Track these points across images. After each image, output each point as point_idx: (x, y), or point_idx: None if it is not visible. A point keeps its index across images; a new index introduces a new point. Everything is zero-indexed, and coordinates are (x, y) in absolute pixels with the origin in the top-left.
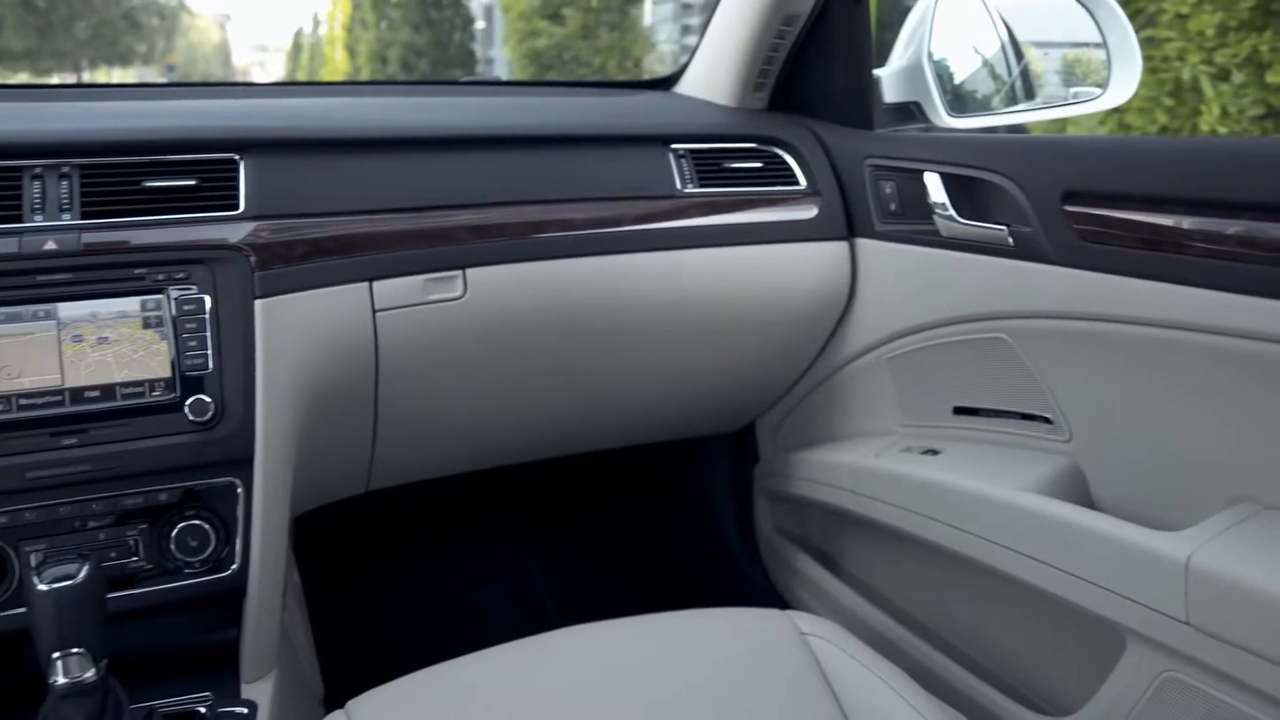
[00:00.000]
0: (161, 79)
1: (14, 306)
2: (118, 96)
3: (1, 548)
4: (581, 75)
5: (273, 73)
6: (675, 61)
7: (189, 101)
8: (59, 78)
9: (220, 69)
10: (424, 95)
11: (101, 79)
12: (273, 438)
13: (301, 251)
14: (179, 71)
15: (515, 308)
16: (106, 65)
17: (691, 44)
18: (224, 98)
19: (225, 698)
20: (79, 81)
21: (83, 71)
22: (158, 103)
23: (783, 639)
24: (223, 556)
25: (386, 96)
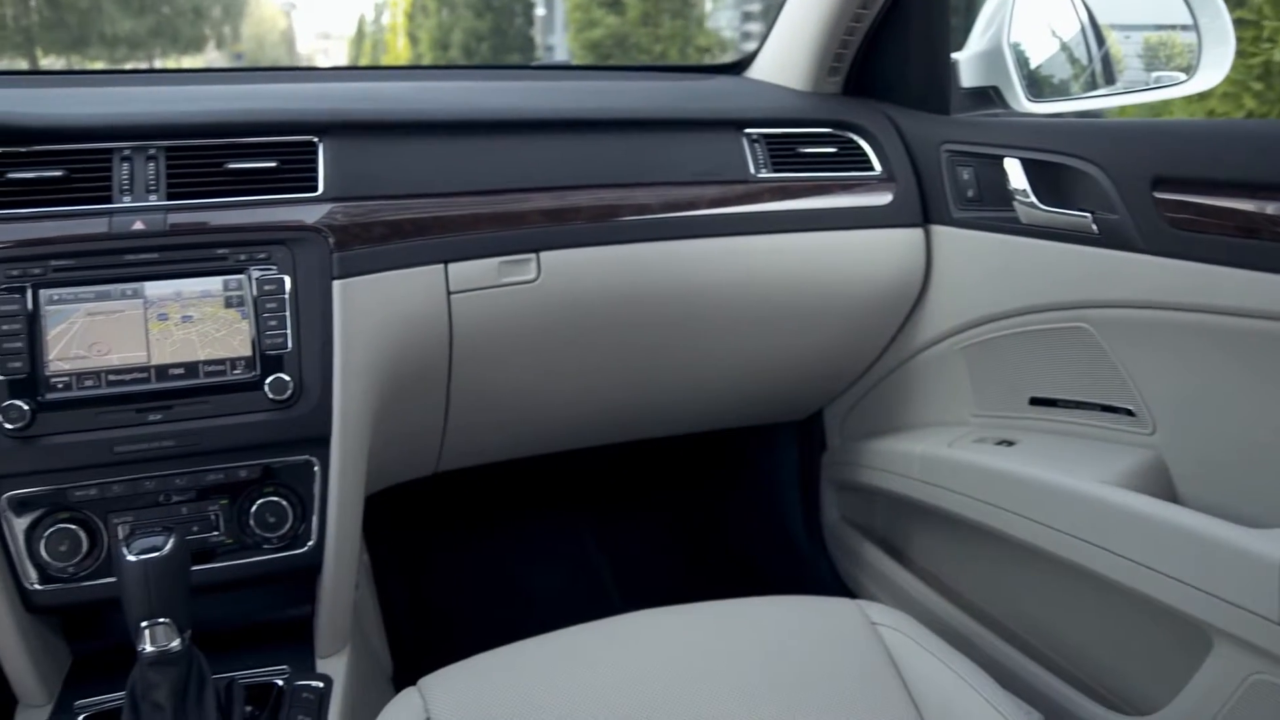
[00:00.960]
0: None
1: (103, 285)
2: (194, 81)
3: (91, 519)
4: (643, 62)
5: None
6: (736, 48)
7: (267, 85)
8: (131, 65)
9: (285, 56)
10: (494, 79)
11: (171, 66)
12: (349, 417)
13: (379, 233)
14: (246, 58)
15: (588, 291)
16: (177, 53)
17: (752, 30)
18: (297, 81)
19: (301, 671)
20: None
21: (154, 59)
22: (237, 86)
23: (853, 628)
24: (299, 533)
25: (458, 80)
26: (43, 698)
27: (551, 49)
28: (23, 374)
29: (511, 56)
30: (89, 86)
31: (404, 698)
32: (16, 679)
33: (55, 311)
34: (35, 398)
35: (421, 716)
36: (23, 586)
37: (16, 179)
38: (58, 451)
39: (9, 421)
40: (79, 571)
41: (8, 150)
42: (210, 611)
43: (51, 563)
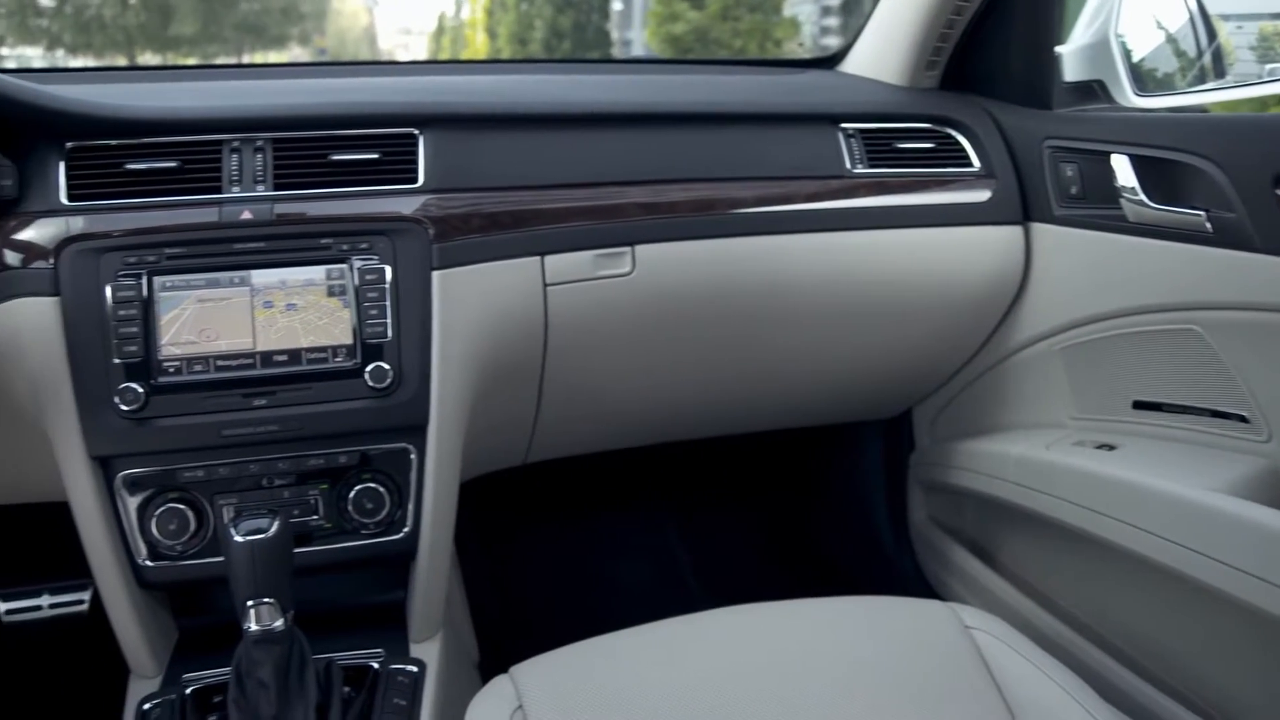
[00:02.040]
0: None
1: (213, 273)
2: (297, 75)
3: (198, 500)
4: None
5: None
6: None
7: (367, 79)
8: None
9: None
10: (586, 73)
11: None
12: (446, 407)
13: (477, 225)
14: (329, 54)
15: (682, 285)
16: (263, 49)
17: (830, 24)
18: (396, 75)
19: (395, 655)
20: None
21: (242, 55)
22: (339, 80)
23: (946, 631)
24: (395, 519)
25: (551, 74)
26: (153, 670)
27: (629, 44)
28: (138, 358)
29: (589, 51)
30: (196, 81)
31: (496, 685)
32: (130, 651)
33: (168, 298)
34: (149, 381)
35: (514, 704)
36: (135, 563)
37: (134, 169)
38: (169, 433)
39: (125, 404)
40: (186, 550)
41: (126, 142)
42: (307, 593)
43: (161, 540)
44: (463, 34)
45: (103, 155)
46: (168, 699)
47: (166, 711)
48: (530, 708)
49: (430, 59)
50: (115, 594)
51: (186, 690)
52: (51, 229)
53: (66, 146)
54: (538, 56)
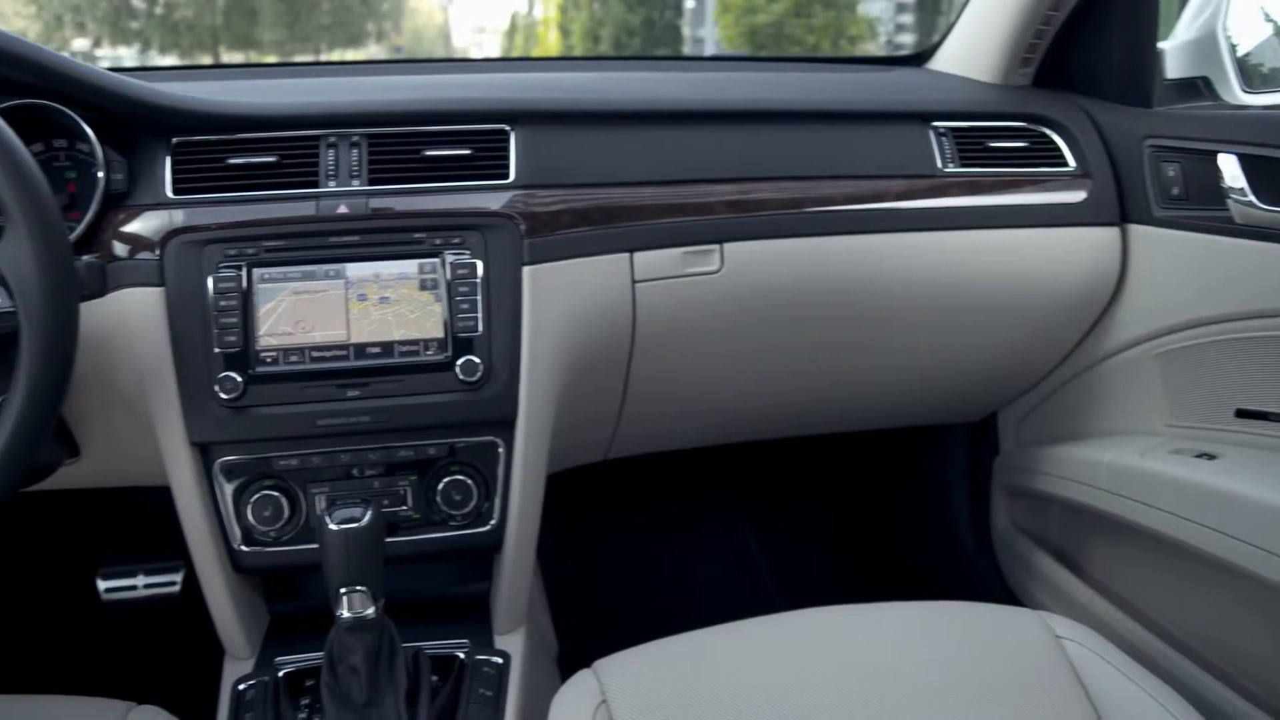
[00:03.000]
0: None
1: (309, 265)
2: (389, 71)
3: (292, 488)
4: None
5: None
6: (890, 40)
7: (458, 75)
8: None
9: (442, 49)
10: (672, 70)
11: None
12: (535, 401)
13: (567, 221)
14: (405, 52)
15: (770, 284)
16: (341, 48)
17: (905, 21)
18: (486, 72)
19: (480, 646)
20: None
21: (321, 54)
22: (430, 76)
23: (1036, 640)
24: (482, 511)
25: (636, 71)
26: (247, 652)
27: (701, 41)
28: (237, 348)
29: (660, 48)
30: (288, 79)
31: (580, 679)
32: (225, 633)
33: (266, 290)
34: (247, 371)
35: (597, 699)
36: (231, 547)
37: (235, 164)
38: (265, 422)
39: (224, 392)
40: (280, 536)
41: (228, 138)
42: (393, 582)
43: (256, 526)
44: (535, 31)
45: (206, 150)
46: (261, 680)
47: (260, 693)
48: (614, 703)
49: (521, 56)
50: (212, 577)
51: (279, 673)
52: (157, 221)
53: (172, 142)
54: (609, 54)
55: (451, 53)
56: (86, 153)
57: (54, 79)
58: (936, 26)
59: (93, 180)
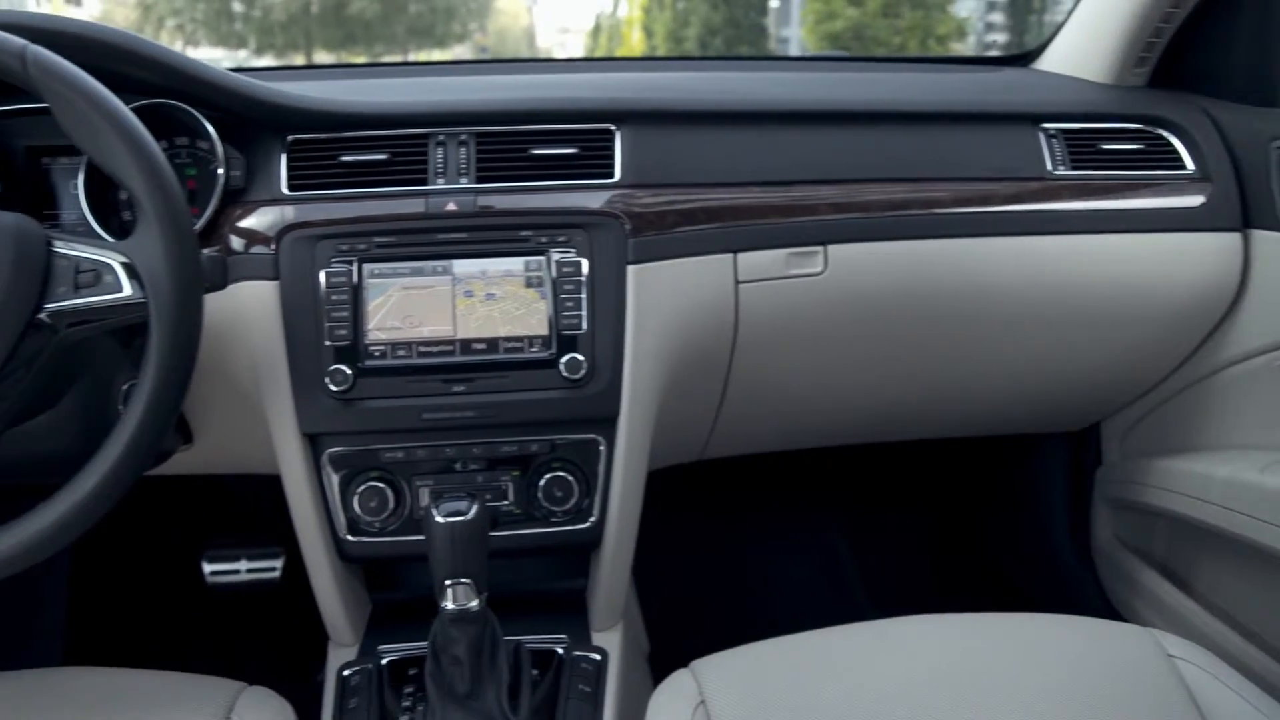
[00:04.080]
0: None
1: (418, 261)
2: (494, 71)
3: (397, 480)
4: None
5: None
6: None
7: (563, 75)
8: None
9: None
10: (771, 70)
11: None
12: (637, 400)
13: (672, 220)
14: (490, 52)
15: (874, 286)
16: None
17: (996, 21)
18: (590, 71)
19: (578, 642)
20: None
21: (409, 54)
22: (535, 76)
23: (1147, 659)
24: (583, 508)
25: (738, 71)
26: (351, 639)
27: (786, 41)
28: (347, 341)
29: (745, 49)
30: (389, 78)
31: (677, 678)
32: (330, 620)
33: (375, 285)
34: (356, 364)
35: (695, 699)
36: (337, 536)
37: (348, 161)
38: (373, 415)
39: (335, 384)
40: (385, 527)
41: (341, 135)
42: (492, 576)
43: (362, 516)
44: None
45: (320, 148)
46: (365, 668)
47: (365, 679)
48: (713, 704)
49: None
50: (319, 565)
51: (382, 660)
52: (273, 217)
53: (288, 139)
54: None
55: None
56: (206, 150)
57: (181, 80)
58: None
59: (212, 177)
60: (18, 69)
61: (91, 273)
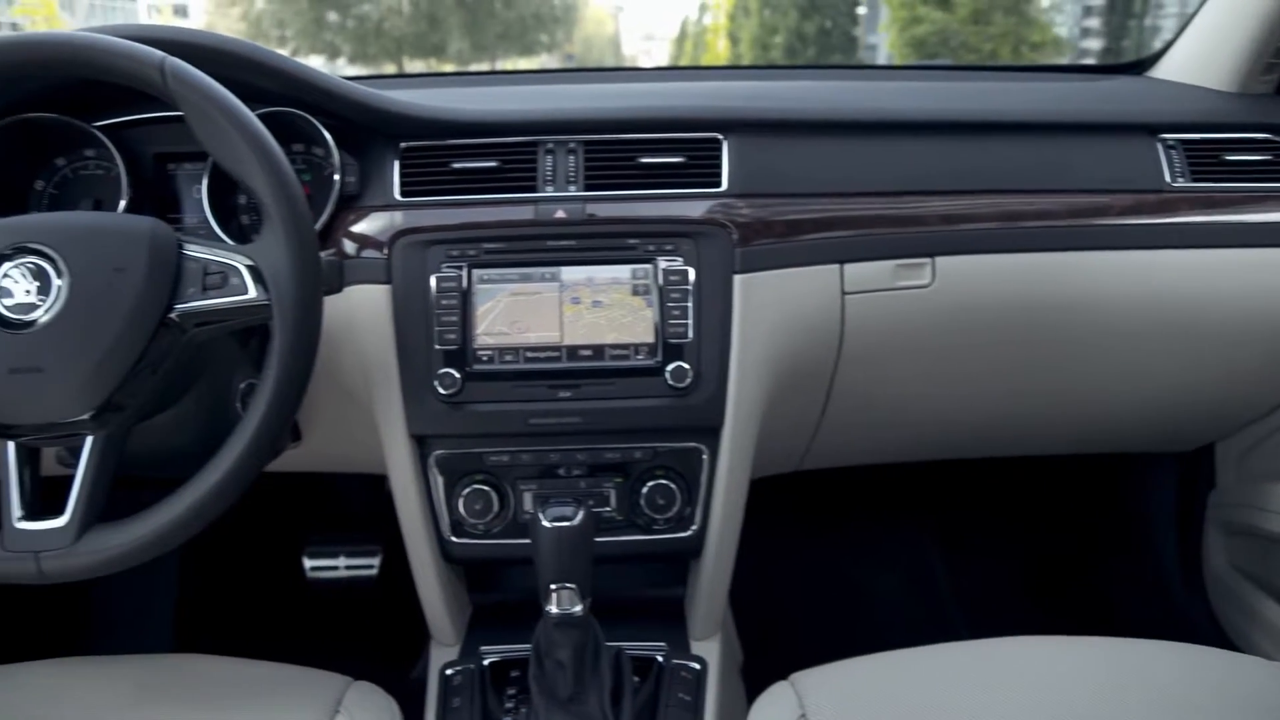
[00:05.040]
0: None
1: (527, 268)
2: (600, 79)
3: (501, 484)
4: (970, 62)
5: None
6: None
7: (669, 83)
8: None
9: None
10: (877, 80)
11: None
12: (742, 409)
13: (779, 230)
14: (576, 59)
15: (982, 300)
16: (516, 56)
17: (1092, 26)
18: (695, 80)
19: (677, 651)
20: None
21: (497, 61)
22: (642, 85)
23: (1270, 692)
24: (685, 516)
25: (839, 80)
26: (452, 639)
27: (874, 48)
28: (455, 346)
29: (833, 55)
30: (498, 86)
31: (777, 690)
32: (433, 619)
33: (484, 290)
34: (464, 368)
35: (796, 712)
36: (442, 537)
37: (459, 168)
38: (480, 418)
39: (443, 388)
40: (489, 530)
41: (453, 143)
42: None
43: (466, 519)
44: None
45: (431, 154)
46: (467, 668)
47: (467, 679)
48: (814, 718)
49: (739, 65)
50: (423, 565)
51: (484, 661)
52: (386, 222)
53: (401, 146)
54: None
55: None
56: (320, 156)
57: (303, 89)
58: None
59: (326, 182)
60: (156, 80)
61: (219, 275)
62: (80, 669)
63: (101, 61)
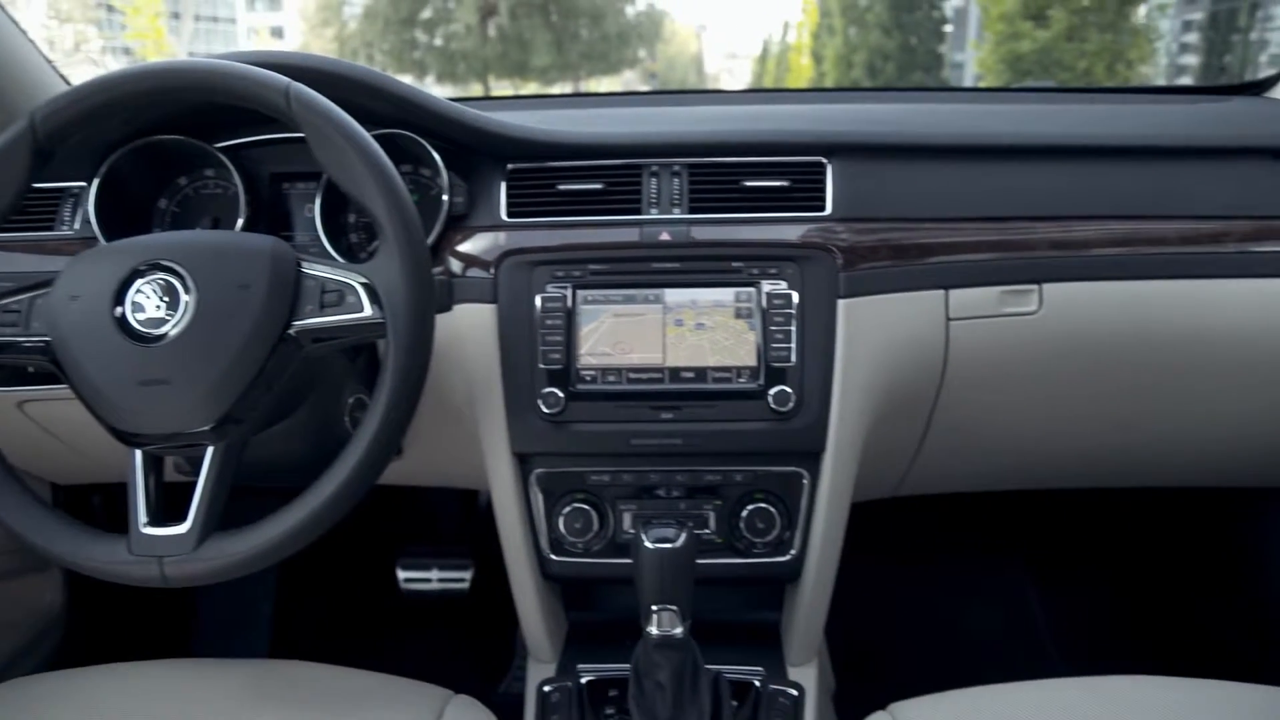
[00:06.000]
0: (643, 85)
1: (630, 289)
2: (701, 101)
3: (601, 503)
4: (1064, 80)
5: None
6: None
7: (772, 106)
8: (558, 87)
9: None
10: (980, 102)
11: (591, 89)
12: (844, 434)
13: (884, 255)
14: (659, 79)
15: (1092, 328)
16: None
17: (1191, 41)
18: (798, 102)
19: (774, 676)
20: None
21: (581, 80)
22: (745, 107)
23: None
24: (784, 540)
25: (942, 103)
26: (549, 656)
27: (960, 66)
28: (559, 365)
29: (917, 75)
30: (603, 108)
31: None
32: (531, 636)
33: (588, 311)
34: (567, 388)
35: None
36: (541, 555)
37: (565, 190)
38: (582, 438)
39: (547, 407)
40: (588, 548)
41: (559, 165)
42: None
43: (566, 537)
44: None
45: (538, 176)
46: (564, 685)
47: (565, 697)
48: None
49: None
50: (522, 582)
51: (582, 679)
52: (492, 242)
53: (508, 168)
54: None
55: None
56: (428, 177)
57: (415, 112)
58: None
59: (434, 202)
60: (281, 104)
61: (336, 293)
62: (190, 670)
63: (232, 87)
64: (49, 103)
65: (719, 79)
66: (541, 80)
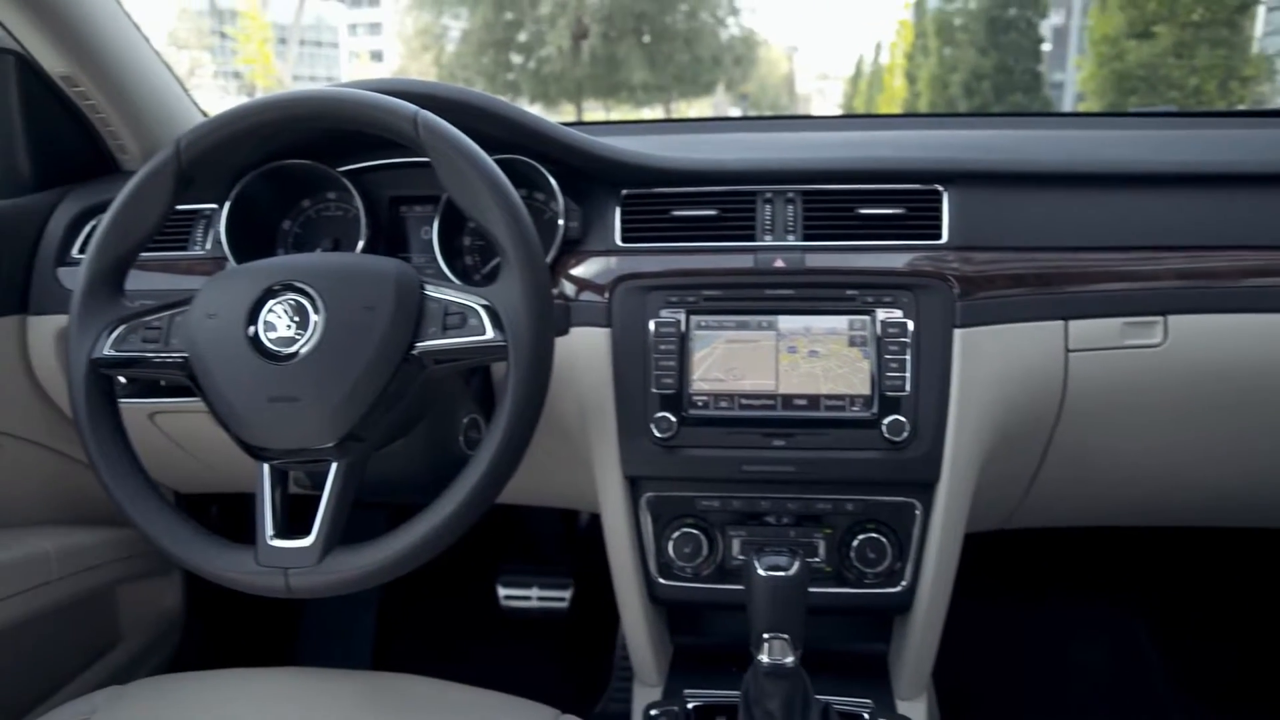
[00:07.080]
0: (734, 107)
1: (744, 315)
2: (813, 127)
3: (710, 528)
4: (1173, 99)
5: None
6: None
7: (887, 132)
8: (649, 108)
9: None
10: (1098, 129)
11: (683, 110)
12: (959, 466)
13: (1002, 284)
14: (751, 100)
15: (1220, 362)
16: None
17: None
18: (914, 129)
19: (883, 708)
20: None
21: (673, 102)
22: (859, 134)
23: None
24: (895, 571)
25: (1060, 129)
26: (655, 679)
27: (1060, 86)
28: (672, 390)
29: (1014, 95)
30: (697, 134)
31: None
32: (638, 658)
33: (701, 336)
34: (680, 412)
35: None
36: (650, 578)
37: (679, 215)
38: (694, 463)
39: (659, 431)
40: (697, 573)
41: (673, 190)
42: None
43: (675, 561)
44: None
45: (652, 202)
46: (670, 710)
47: None
48: None
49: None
50: (631, 604)
51: (689, 705)
52: (606, 266)
53: (622, 193)
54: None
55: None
56: (542, 201)
57: (533, 137)
58: None
59: (549, 226)
60: (409, 131)
61: (458, 315)
62: (307, 678)
63: (363, 115)
64: (192, 130)
65: (810, 100)
66: (633, 101)
